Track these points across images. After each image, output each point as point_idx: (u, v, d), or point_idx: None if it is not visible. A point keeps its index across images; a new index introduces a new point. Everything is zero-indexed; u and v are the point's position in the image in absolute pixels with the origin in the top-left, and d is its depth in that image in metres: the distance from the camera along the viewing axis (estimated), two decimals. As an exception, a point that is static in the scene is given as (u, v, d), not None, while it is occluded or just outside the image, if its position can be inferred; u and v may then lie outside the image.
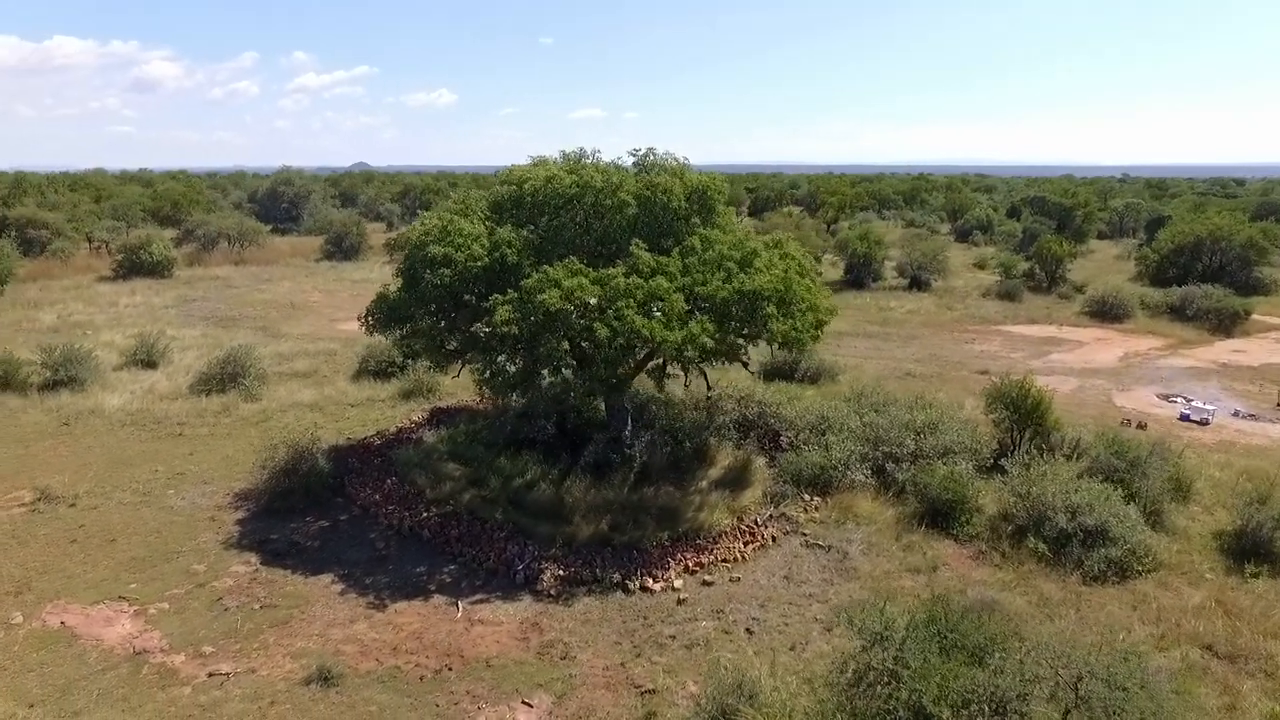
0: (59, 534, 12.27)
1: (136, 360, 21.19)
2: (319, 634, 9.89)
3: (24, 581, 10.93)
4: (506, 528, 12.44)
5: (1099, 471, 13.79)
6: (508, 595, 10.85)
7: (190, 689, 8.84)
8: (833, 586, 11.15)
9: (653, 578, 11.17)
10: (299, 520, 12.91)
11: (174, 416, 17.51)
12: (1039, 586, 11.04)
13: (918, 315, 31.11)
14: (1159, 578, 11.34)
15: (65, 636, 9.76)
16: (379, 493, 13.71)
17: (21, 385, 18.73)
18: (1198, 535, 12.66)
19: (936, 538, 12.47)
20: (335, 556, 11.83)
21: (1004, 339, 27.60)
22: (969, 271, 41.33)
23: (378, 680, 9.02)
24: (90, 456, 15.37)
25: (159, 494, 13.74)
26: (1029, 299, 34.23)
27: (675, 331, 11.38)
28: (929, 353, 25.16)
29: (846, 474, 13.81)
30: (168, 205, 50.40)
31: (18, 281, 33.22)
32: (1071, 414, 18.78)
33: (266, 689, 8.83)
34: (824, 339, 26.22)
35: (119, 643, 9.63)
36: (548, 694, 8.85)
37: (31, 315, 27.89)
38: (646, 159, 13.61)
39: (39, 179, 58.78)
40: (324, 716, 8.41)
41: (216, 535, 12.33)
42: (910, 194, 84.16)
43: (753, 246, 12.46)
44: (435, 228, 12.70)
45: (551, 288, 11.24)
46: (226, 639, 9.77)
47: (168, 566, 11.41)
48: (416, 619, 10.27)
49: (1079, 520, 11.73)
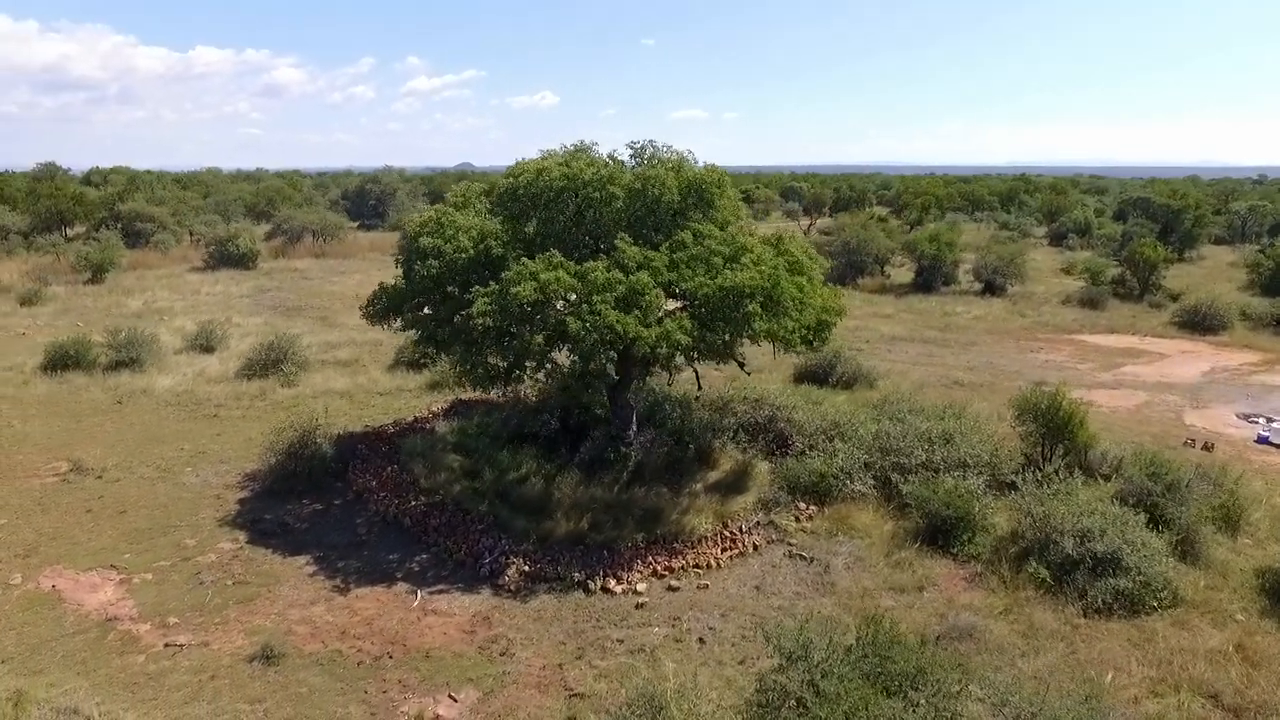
0: (78, 503, 13.10)
1: (196, 345, 22.50)
2: (278, 613, 10.13)
3: (33, 546, 11.72)
4: (486, 520, 12.44)
5: (1130, 494, 12.59)
6: (469, 587, 10.83)
7: (145, 657, 9.21)
8: (804, 601, 10.57)
9: (616, 579, 10.90)
10: (296, 502, 13.32)
11: (214, 399, 18.48)
12: (1031, 615, 10.11)
13: (983, 321, 29.40)
14: (1177, 615, 10.19)
15: (52, 599, 10.38)
16: (376, 479, 13.99)
17: (90, 365, 20.19)
18: (1239, 571, 11.32)
19: (934, 556, 11.65)
20: (318, 539, 12.13)
21: (1075, 349, 25.69)
22: (1055, 277, 38.81)
23: (317, 663, 9.15)
24: (130, 433, 16.39)
25: (177, 471, 14.48)
26: (1114, 307, 31.79)
27: (651, 328, 11.07)
28: (985, 361, 23.69)
29: (847, 483, 13.12)
30: (264, 201, 53.63)
31: (120, 270, 35.95)
32: (1130, 431, 17.31)
33: (212, 662, 9.10)
34: (874, 344, 25.36)
35: (96, 608, 10.17)
36: (476, 689, 8.74)
37: (122, 301, 30.12)
38: (644, 152, 13.32)
39: (150, 176, 63.67)
40: (256, 694, 8.58)
41: (216, 512, 12.87)
42: (1008, 195, 79.83)
43: (743, 242, 11.98)
44: (430, 220, 12.83)
45: (528, 280, 11.14)
46: (193, 612, 10.15)
47: (163, 539, 11.98)
48: (374, 605, 10.38)
49: (1088, 546, 10.69)
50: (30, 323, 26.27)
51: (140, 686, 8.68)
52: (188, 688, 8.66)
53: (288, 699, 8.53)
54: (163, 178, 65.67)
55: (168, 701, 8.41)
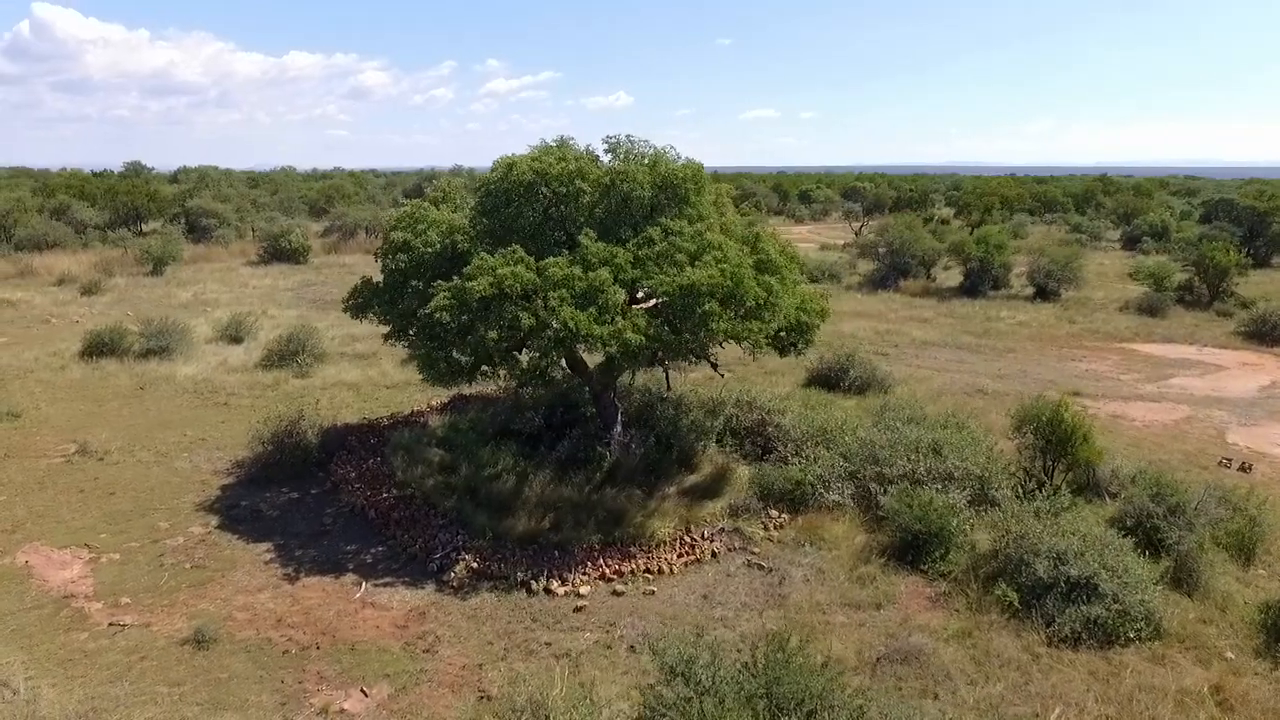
0: (74, 484, 13.68)
1: (226, 335, 23.35)
2: (224, 599, 10.32)
3: (21, 522, 12.28)
4: (449, 515, 12.42)
5: (1129, 516, 11.67)
6: (415, 582, 10.80)
7: (88, 635, 9.50)
8: (750, 612, 10.14)
9: (561, 580, 10.70)
10: (274, 490, 13.60)
11: (228, 387, 19.11)
12: (990, 640, 9.43)
13: (1027, 328, 27.93)
14: (1156, 649, 9.33)
15: (23, 574, 10.83)
16: (356, 470, 14.17)
17: (123, 352, 21.17)
18: (1242, 604, 10.31)
19: (902, 572, 11.02)
20: (284, 527, 12.33)
21: (1122, 358, 24.12)
22: (1119, 282, 36.60)
23: (245, 649, 9.26)
24: (142, 418, 17.08)
25: (173, 456, 14.99)
26: (1177, 315, 29.76)
27: (605, 326, 10.82)
28: (1018, 369, 22.47)
29: (823, 492, 12.57)
30: (323, 199, 55.56)
31: (180, 264, 37.79)
32: (1160, 448, 16.15)
33: (147, 643, 9.31)
34: (904, 348, 24.39)
35: (58, 585, 10.56)
36: (390, 685, 8.68)
37: (174, 293, 31.58)
38: (619, 148, 13.04)
39: (218, 174, 66.78)
40: (178, 677, 8.73)
41: (197, 497, 13.24)
42: (1084, 197, 75.95)
43: (709, 239, 11.58)
44: (405, 215, 12.90)
45: (484, 275, 11.05)
46: (146, 593, 10.43)
47: (140, 521, 12.38)
48: (318, 595, 10.46)
49: (1062, 569, 9.90)
50: (86, 311, 27.79)
51: (74, 663, 8.94)
52: (117, 667, 8.87)
53: (206, 684, 8.64)
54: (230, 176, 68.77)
55: (93, 679, 8.63)
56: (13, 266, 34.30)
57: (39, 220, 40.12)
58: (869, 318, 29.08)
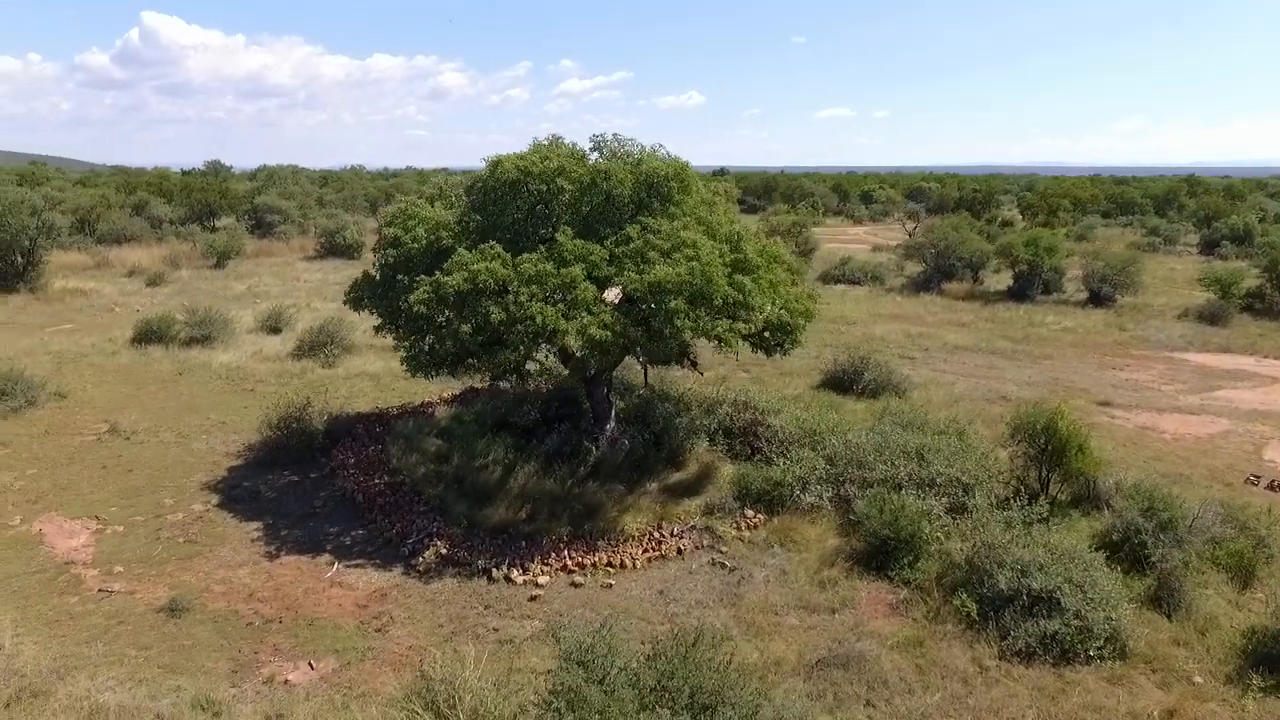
0: (99, 460, 14.67)
1: (266, 326, 24.51)
2: (206, 572, 10.93)
3: (44, 493, 13.25)
4: (431, 503, 12.81)
5: (1117, 530, 11.19)
6: (384, 565, 11.21)
7: (78, 599, 10.23)
8: (702, 610, 10.15)
9: (522, 569, 10.93)
10: (277, 473, 14.27)
11: (258, 375, 20.09)
12: (940, 650, 9.21)
13: (1071, 334, 26.80)
14: (1116, 669, 8.94)
15: (35, 541, 11.71)
16: (355, 457, 14.73)
17: (170, 339, 22.49)
18: (1227, 628, 9.76)
19: (868, 578, 10.84)
20: (278, 508, 12.94)
21: (1168, 368, 22.91)
22: (1186, 288, 34.67)
23: (213, 620, 9.81)
24: (174, 401, 18.13)
25: (193, 437, 15.89)
26: (1241, 324, 28.05)
27: (571, 321, 11.00)
28: (1051, 376, 21.61)
29: (801, 494, 12.44)
30: (383, 197, 57.49)
31: (243, 258, 39.74)
32: (1185, 462, 15.40)
33: (126, 610, 9.96)
34: (933, 352, 23.76)
35: (63, 553, 11.38)
36: (337, 660, 9.06)
37: (230, 285, 33.28)
38: (603, 145, 13.19)
39: (286, 172, 69.85)
40: (147, 641, 9.32)
41: (204, 477, 14.02)
42: (1166, 198, 72.04)
43: (684, 237, 11.61)
44: (398, 211, 13.36)
45: (459, 270, 11.38)
46: (139, 564, 11.14)
47: (149, 497, 13.20)
48: (293, 573, 10.97)
49: (1024, 581, 9.58)
50: (148, 301, 29.56)
51: (60, 624, 9.65)
52: (96, 629, 9.53)
53: (171, 649, 9.20)
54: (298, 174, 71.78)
55: (72, 639, 9.30)
56: (91, 258, 36.72)
57: (119, 215, 42.83)
58: (904, 320, 28.41)
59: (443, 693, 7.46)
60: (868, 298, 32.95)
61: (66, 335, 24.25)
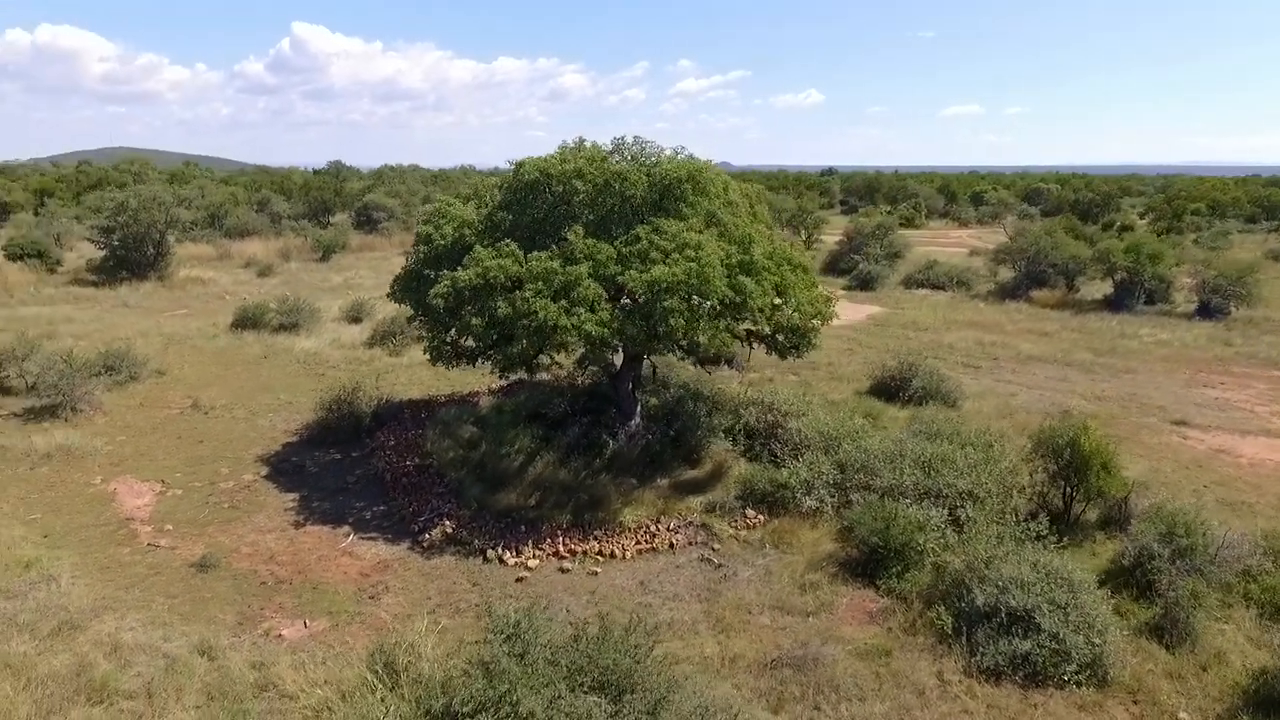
0: (176, 431, 16.36)
1: (348, 316, 26.32)
2: (239, 535, 12.10)
3: (126, 458, 14.95)
4: (450, 485, 13.59)
5: (1129, 554, 10.60)
6: (394, 539, 12.03)
7: (129, 550, 11.58)
8: (677, 603, 10.38)
9: (515, 552, 11.48)
10: (324, 450, 15.48)
11: (331, 361, 21.67)
12: (905, 662, 9.06)
13: (1166, 347, 24.91)
14: (1090, 696, 8.55)
15: (108, 499, 13.28)
16: (395, 439, 15.76)
17: (262, 326, 24.57)
18: (1235, 666, 9.10)
19: (854, 584, 10.75)
20: (316, 482, 14.07)
21: (1270, 387, 20.96)
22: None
23: (234, 577, 10.88)
24: (253, 382, 19.88)
25: (260, 415, 17.42)
26: (1372, 342, 25.21)
27: (571, 318, 11.45)
28: (1128, 392, 20.25)
29: (800, 497, 12.40)
30: (482, 195, 59.97)
31: (347, 252, 42.56)
32: (1256, 489, 14.34)
33: (165, 563, 11.21)
34: (1002, 361, 22.76)
35: (128, 510, 12.86)
36: (329, 621, 9.89)
37: (330, 277, 35.79)
38: (622, 148, 13.53)
39: (399, 172, 73.76)
40: (174, 591, 10.48)
41: (260, 451, 15.39)
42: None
43: (687, 238, 11.82)
44: (433, 210, 14.21)
45: (473, 266, 12.06)
46: (186, 524, 12.45)
47: (209, 466, 14.65)
48: (312, 541, 11.97)
49: (1003, 598, 9.27)
50: (255, 290, 32.25)
51: (109, 570, 10.99)
52: (136, 578, 10.80)
53: (192, 600, 10.31)
54: (404, 173, 75.74)
55: (116, 585, 10.58)
56: (215, 251, 40.35)
57: (243, 212, 46.78)
58: (980, 328, 27.22)
59: (400, 658, 8.11)
60: (948, 304, 31.72)
61: (180, 319, 26.91)
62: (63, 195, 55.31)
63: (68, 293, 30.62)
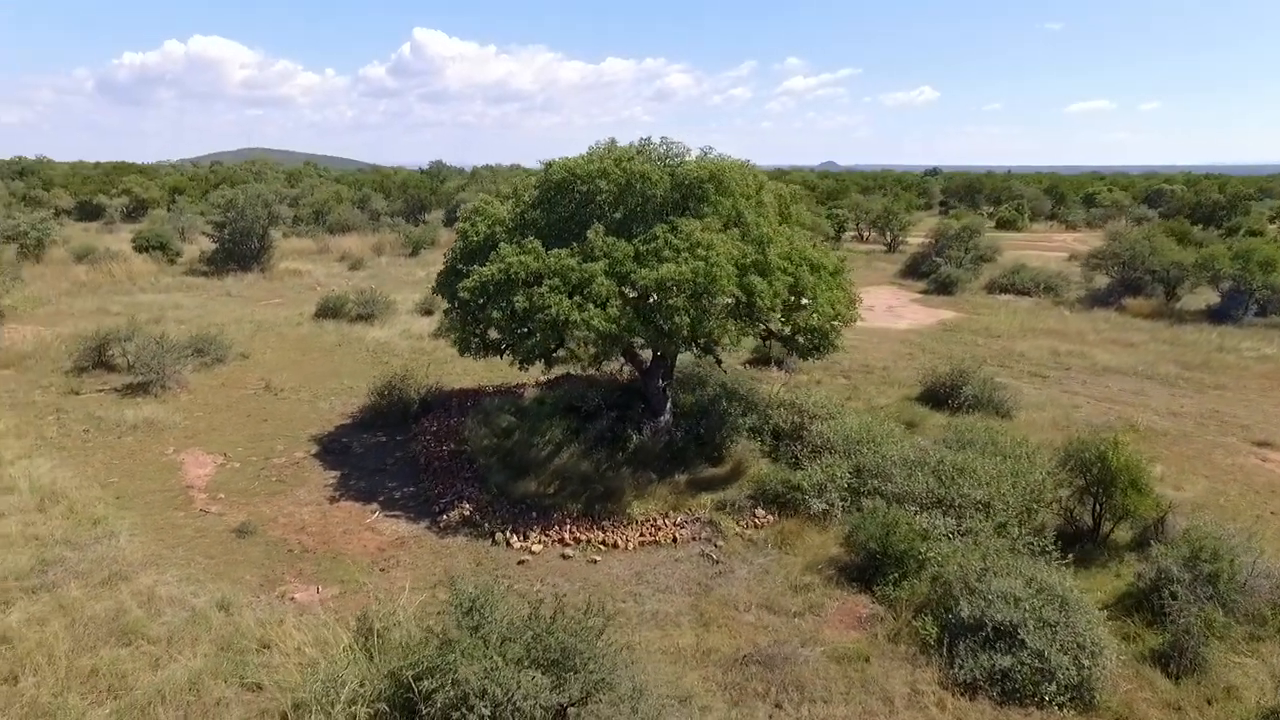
0: (246, 410, 17.79)
1: (421, 309, 27.66)
2: (279, 506, 13.11)
3: (198, 432, 16.40)
4: (478, 472, 14.23)
5: (1146, 578, 10.04)
6: (415, 518, 12.75)
7: (184, 514, 12.78)
8: (667, 595, 10.58)
9: (522, 537, 11.95)
10: (372, 433, 16.48)
11: (397, 350, 22.91)
12: (881, 669, 8.94)
13: (1268, 363, 22.93)
14: (1068, 719, 8.20)
15: (175, 468, 14.65)
16: (437, 425, 16.59)
17: (341, 315, 26.21)
18: (1251, 703, 8.51)
19: (850, 589, 10.65)
20: (358, 462, 15.03)
21: (1380, 410, 19.01)
22: None
23: (266, 544, 11.85)
24: (323, 367, 21.29)
25: (324, 397, 18.67)
26: None
27: (582, 313, 11.81)
28: (1209, 409, 18.85)
29: (808, 499, 12.32)
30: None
31: (436, 247, 44.50)
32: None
33: (210, 528, 12.31)
34: (1075, 372, 21.64)
35: (190, 479, 14.16)
36: (340, 589, 10.65)
37: (414, 271, 37.58)
38: (648, 147, 13.76)
39: (485, 172, 76.30)
40: (214, 552, 11.51)
41: (315, 431, 16.54)
42: None
43: (699, 238, 11.96)
44: (472, 209, 14.90)
45: (496, 262, 12.63)
46: (237, 495, 13.60)
47: (268, 443, 15.88)
48: (342, 515, 12.84)
49: (988, 612, 8.99)
50: (344, 282, 34.30)
51: (162, 531, 12.18)
52: (183, 539, 11.93)
53: (226, 562, 11.31)
54: (510, 173, 78.22)
55: (165, 543, 11.73)
56: (315, 245, 43.11)
57: (345, 209, 49.73)
58: (1058, 337, 25.84)
59: (377, 625, 8.71)
60: (1030, 310, 30.22)
61: (272, 308, 29.02)
62: (192, 193, 60.37)
63: (181, 282, 33.51)
